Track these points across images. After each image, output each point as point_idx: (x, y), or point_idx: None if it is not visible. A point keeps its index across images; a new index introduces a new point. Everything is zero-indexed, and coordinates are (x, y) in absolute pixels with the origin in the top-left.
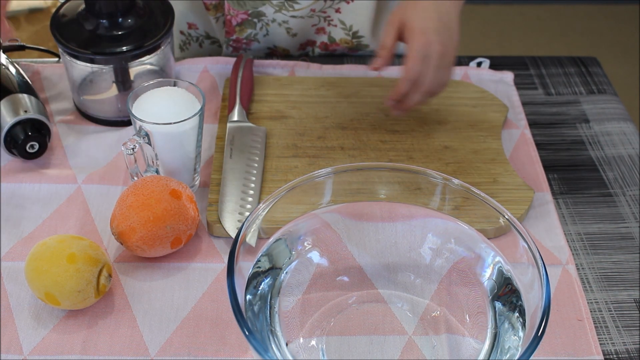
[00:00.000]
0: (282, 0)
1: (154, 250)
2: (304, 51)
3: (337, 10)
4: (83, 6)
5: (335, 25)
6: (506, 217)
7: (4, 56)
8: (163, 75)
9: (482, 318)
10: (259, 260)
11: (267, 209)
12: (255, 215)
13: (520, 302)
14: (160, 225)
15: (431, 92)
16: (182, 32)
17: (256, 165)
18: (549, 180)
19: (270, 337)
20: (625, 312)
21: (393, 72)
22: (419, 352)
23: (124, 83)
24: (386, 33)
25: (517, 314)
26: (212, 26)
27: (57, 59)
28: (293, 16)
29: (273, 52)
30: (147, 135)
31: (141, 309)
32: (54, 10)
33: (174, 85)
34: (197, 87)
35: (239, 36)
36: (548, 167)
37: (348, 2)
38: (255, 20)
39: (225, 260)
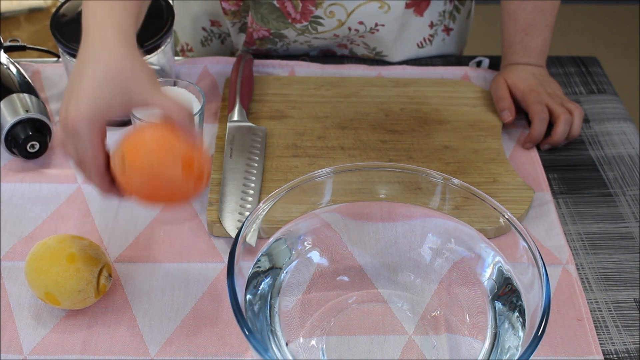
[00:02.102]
0: (305, 24)
1: (163, 170)
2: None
3: (361, 36)
4: None
5: (358, 45)
6: (506, 217)
7: (4, 56)
8: (163, 75)
9: (482, 318)
10: (259, 260)
11: (267, 209)
12: (255, 215)
13: (520, 302)
14: (176, 142)
15: (567, 120)
16: (204, 29)
17: (256, 165)
18: (549, 180)
19: (270, 337)
20: (625, 312)
21: (393, 72)
22: (419, 352)
23: None
24: (499, 88)
25: (517, 314)
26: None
27: (57, 59)
28: (316, 37)
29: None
30: None
31: (141, 309)
32: (54, 10)
33: (174, 85)
34: (197, 87)
35: (259, 48)
36: (548, 167)
37: (373, 33)
38: (277, 39)
39: (225, 260)
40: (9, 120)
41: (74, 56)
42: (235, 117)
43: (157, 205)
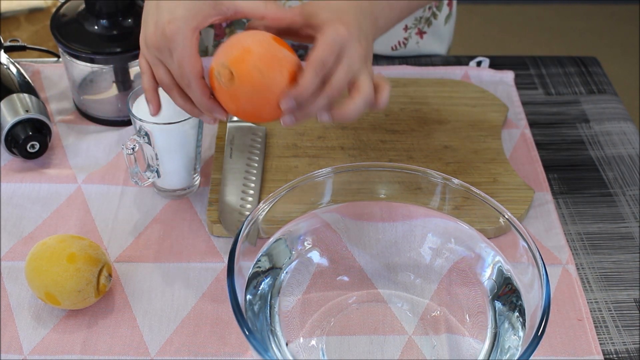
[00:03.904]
0: None
1: (271, 76)
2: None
3: None
4: (83, 6)
5: None
6: (506, 217)
7: (4, 56)
8: None
9: (482, 318)
10: (259, 260)
11: (267, 209)
12: (255, 215)
13: (520, 302)
14: (278, 45)
15: (334, 95)
16: None
17: (256, 165)
18: (549, 180)
19: (270, 337)
20: (625, 312)
21: (393, 72)
22: (419, 352)
23: (124, 83)
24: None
25: (517, 314)
26: None
27: (57, 59)
28: None
29: None
30: (147, 135)
31: (141, 309)
32: (54, 10)
33: None
34: None
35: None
36: (548, 167)
37: None
38: (245, 20)
39: (225, 260)
40: (9, 120)
41: (74, 56)
42: (236, 117)
43: (259, 118)
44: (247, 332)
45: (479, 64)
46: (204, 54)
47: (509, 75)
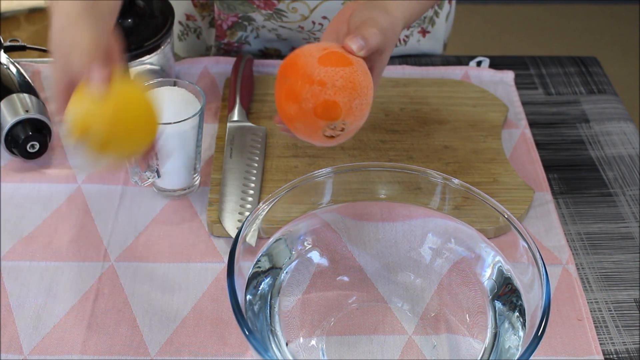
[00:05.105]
0: (271, 12)
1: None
2: None
3: None
4: None
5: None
6: (506, 216)
7: (4, 56)
8: (163, 75)
9: (482, 318)
10: (259, 260)
11: (267, 209)
12: (255, 215)
13: (520, 302)
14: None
15: None
16: (180, 23)
17: (256, 165)
18: (549, 180)
19: (270, 337)
20: (625, 312)
21: (393, 72)
22: (419, 352)
23: None
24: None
25: (517, 314)
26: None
27: None
28: (282, 26)
29: (265, 54)
30: None
31: (141, 309)
32: None
33: (174, 85)
34: (197, 87)
35: (230, 40)
36: (548, 167)
37: None
38: (246, 23)
39: (225, 260)
40: (9, 120)
41: None
42: (235, 117)
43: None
44: (247, 332)
45: (479, 64)
46: (206, 54)
47: (509, 75)
